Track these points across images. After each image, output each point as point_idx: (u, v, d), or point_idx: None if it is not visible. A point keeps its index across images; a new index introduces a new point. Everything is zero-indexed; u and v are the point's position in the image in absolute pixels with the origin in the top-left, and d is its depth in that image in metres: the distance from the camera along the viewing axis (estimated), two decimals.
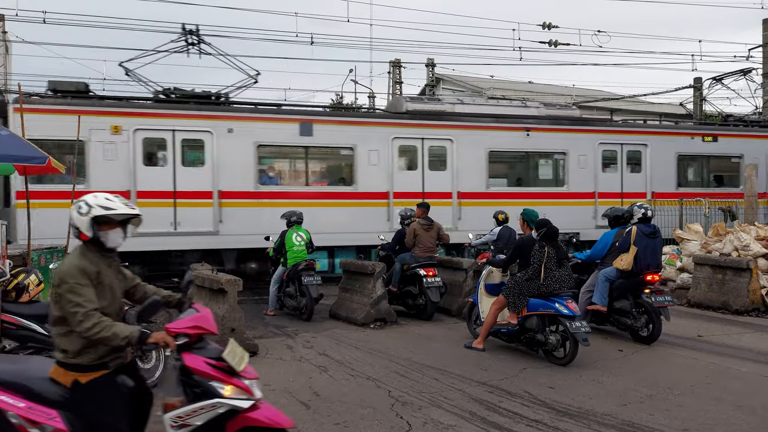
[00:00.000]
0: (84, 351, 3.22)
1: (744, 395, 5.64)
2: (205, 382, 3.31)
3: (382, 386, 5.92)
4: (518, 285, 7.05)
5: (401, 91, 26.18)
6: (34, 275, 5.93)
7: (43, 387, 3.22)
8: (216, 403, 3.26)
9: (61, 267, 3.29)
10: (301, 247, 9.80)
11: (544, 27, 21.17)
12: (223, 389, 3.29)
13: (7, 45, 22.47)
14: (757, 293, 9.83)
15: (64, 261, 3.35)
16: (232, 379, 3.33)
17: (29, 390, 3.21)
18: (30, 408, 3.16)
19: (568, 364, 6.64)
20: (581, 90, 31.00)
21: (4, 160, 6.72)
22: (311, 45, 18.72)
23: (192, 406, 3.28)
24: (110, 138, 11.52)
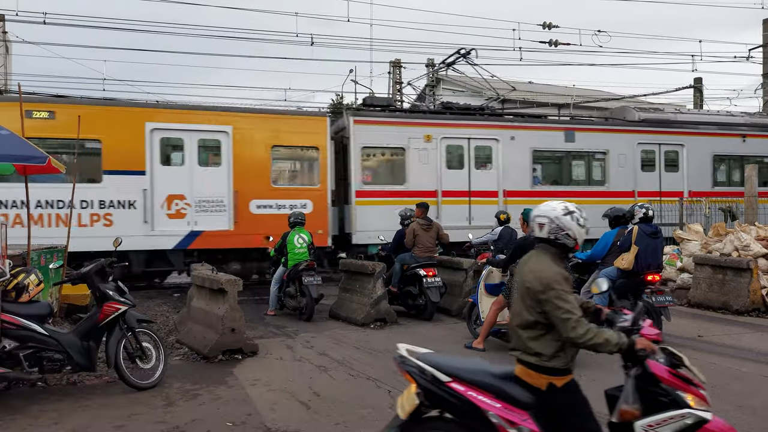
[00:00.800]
0: (557, 354, 3.21)
1: (744, 395, 5.64)
2: (673, 391, 3.26)
3: (382, 386, 5.92)
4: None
5: (401, 91, 26.16)
6: (34, 275, 5.93)
7: (513, 389, 3.22)
8: (685, 414, 3.19)
9: (541, 272, 3.26)
10: (302, 248, 9.83)
11: (544, 27, 21.20)
12: (687, 399, 3.23)
13: (8, 45, 22.47)
14: (757, 293, 9.83)
15: (540, 266, 3.32)
16: (690, 388, 3.28)
17: (501, 391, 3.21)
18: (505, 408, 3.17)
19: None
20: (581, 90, 30.98)
21: (4, 160, 6.72)
22: (311, 46, 18.73)
23: (662, 416, 3.21)
24: (423, 145, 14.01)
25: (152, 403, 5.47)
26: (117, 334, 5.80)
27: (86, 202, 11.63)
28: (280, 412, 5.20)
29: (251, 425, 4.91)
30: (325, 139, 13.23)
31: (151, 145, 12.10)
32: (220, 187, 12.48)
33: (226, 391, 5.84)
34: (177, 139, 12.49)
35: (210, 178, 12.48)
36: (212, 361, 6.93)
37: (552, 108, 27.52)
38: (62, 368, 5.61)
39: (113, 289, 5.92)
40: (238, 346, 7.13)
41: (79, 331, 5.78)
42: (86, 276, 5.94)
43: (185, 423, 4.96)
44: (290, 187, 13.30)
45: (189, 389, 5.87)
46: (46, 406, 5.38)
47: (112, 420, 5.03)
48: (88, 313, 6.29)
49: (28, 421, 5.02)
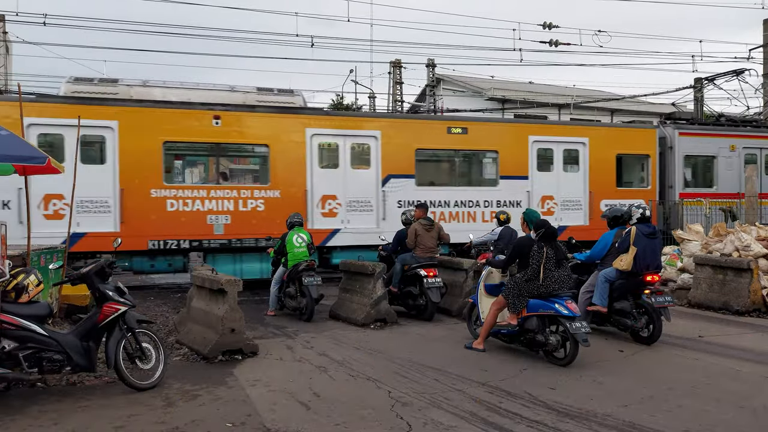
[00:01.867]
0: None
1: (745, 396, 5.63)
2: None
3: (382, 387, 5.91)
4: (518, 286, 7.04)
5: (401, 91, 26.17)
6: (33, 276, 5.91)
7: None
8: None
9: None
10: (302, 248, 9.83)
11: (544, 27, 21.20)
12: None
13: (8, 45, 22.48)
14: (757, 294, 9.82)
15: None
16: None
17: None
18: None
19: (568, 364, 6.63)
20: (581, 90, 30.98)
21: (4, 160, 6.70)
22: (311, 47, 18.76)
23: None
24: (728, 154, 16.33)
25: (152, 403, 5.47)
26: (117, 334, 5.79)
27: (487, 201, 14.21)
28: (280, 413, 5.20)
29: (251, 426, 4.91)
30: (655, 148, 15.61)
31: (531, 154, 14.66)
32: (578, 188, 14.92)
33: (226, 391, 5.84)
34: (547, 150, 14.93)
35: (571, 181, 14.90)
36: (212, 362, 6.93)
37: (552, 108, 27.51)
38: (62, 369, 5.60)
39: (113, 289, 5.92)
40: (238, 346, 7.13)
41: (78, 332, 5.78)
42: (86, 276, 5.94)
43: (185, 423, 4.96)
44: (629, 189, 15.53)
45: (189, 390, 5.87)
46: (46, 406, 5.38)
47: (112, 420, 5.03)
48: (87, 314, 6.28)
49: (28, 421, 5.02)
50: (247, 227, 12.10)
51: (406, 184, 13.53)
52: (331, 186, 13.08)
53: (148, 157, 11.83)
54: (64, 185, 10.56)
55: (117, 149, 11.70)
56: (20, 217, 10.97)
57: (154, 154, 11.89)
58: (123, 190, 11.66)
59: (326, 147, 13.28)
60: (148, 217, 11.57)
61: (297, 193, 12.75)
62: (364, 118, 14.83)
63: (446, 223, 13.17)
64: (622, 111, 29.86)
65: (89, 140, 11.75)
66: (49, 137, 11.55)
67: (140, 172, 11.77)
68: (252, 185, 12.73)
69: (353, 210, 13.18)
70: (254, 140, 12.67)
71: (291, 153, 12.76)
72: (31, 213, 10.54)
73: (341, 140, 13.24)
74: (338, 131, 13.24)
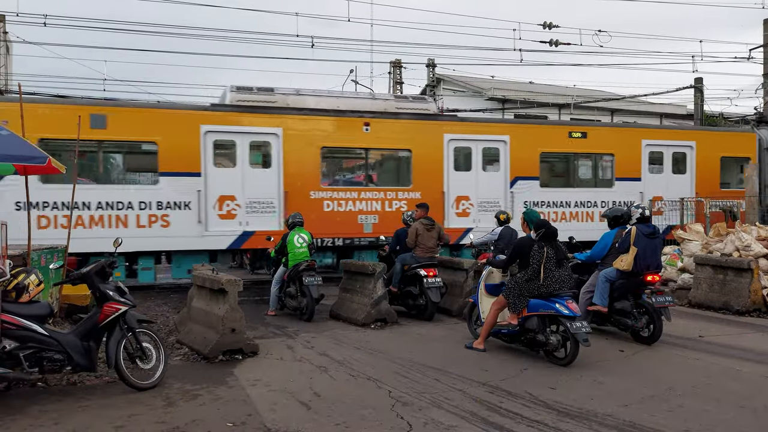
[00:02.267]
0: None
1: (745, 396, 5.63)
2: None
3: (383, 387, 5.91)
4: (518, 285, 7.03)
5: (402, 91, 26.17)
6: (34, 275, 5.91)
7: None
8: None
9: None
10: (302, 248, 9.83)
11: (544, 27, 21.19)
12: None
13: (8, 45, 22.48)
14: (758, 294, 9.82)
15: None
16: None
17: None
18: None
19: (568, 364, 6.63)
20: (581, 90, 30.97)
21: (5, 160, 6.71)
22: (312, 48, 18.79)
23: None
24: None
25: (152, 403, 5.47)
26: (117, 334, 5.79)
27: (604, 202, 14.81)
28: (281, 413, 5.20)
29: (251, 425, 4.91)
30: (755, 150, 16.34)
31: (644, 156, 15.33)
32: (686, 189, 15.48)
33: (227, 391, 5.84)
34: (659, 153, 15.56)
35: (678, 182, 15.49)
36: (212, 362, 6.93)
37: (552, 108, 27.52)
38: (62, 368, 5.61)
39: (113, 289, 5.92)
40: (238, 346, 7.13)
41: (79, 332, 5.78)
42: (86, 276, 5.94)
43: (185, 423, 4.96)
44: (732, 190, 16.02)
45: (189, 389, 5.87)
46: (47, 406, 5.38)
47: (112, 420, 5.03)
48: (88, 314, 6.29)
49: (29, 421, 5.02)
50: (392, 226, 12.43)
51: (532, 186, 14.34)
52: (465, 187, 13.95)
53: (308, 161, 12.94)
54: (235, 188, 12.36)
55: (281, 154, 12.76)
56: (200, 216, 12.15)
57: (313, 159, 12.97)
58: (286, 192, 12.72)
59: (460, 151, 14.10)
60: (308, 216, 11.95)
61: (435, 195, 13.54)
62: (495, 123, 15.78)
63: (567, 222, 14.34)
64: (622, 111, 29.86)
65: (257, 146, 12.94)
66: (223, 143, 12.63)
67: (301, 175, 12.84)
68: (396, 187, 13.67)
69: (484, 210, 13.94)
70: (399, 145, 13.64)
71: (430, 157, 13.70)
72: (208, 213, 12.26)
73: (473, 144, 14.12)
74: (471, 136, 14.08)
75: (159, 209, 11.97)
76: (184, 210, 12.06)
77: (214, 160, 12.42)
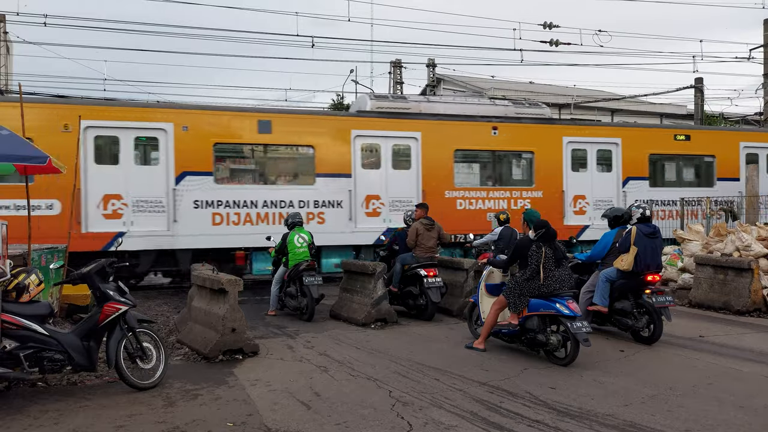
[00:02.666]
0: None
1: (745, 396, 5.63)
2: None
3: (383, 386, 5.91)
4: (519, 285, 7.03)
5: (402, 91, 26.16)
6: (34, 275, 5.92)
7: None
8: None
9: None
10: (303, 248, 9.84)
11: (545, 26, 21.18)
12: None
13: (8, 45, 22.48)
14: (758, 294, 9.82)
15: None
16: None
17: None
18: None
19: (569, 364, 6.63)
20: (581, 90, 30.98)
21: (5, 160, 6.71)
22: (312, 48, 18.80)
23: None
24: None
25: (153, 403, 5.47)
26: (117, 334, 5.79)
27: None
28: (281, 413, 5.20)
29: (252, 425, 4.91)
30: None
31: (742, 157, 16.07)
32: None
33: (227, 391, 5.84)
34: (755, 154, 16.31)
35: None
36: (213, 362, 6.93)
37: (552, 108, 27.52)
38: (63, 368, 5.61)
39: (114, 289, 5.92)
40: (238, 346, 7.13)
41: (79, 331, 5.78)
42: (87, 276, 5.94)
43: (186, 423, 4.96)
44: None
45: (189, 389, 5.87)
46: (47, 406, 5.38)
47: (113, 420, 5.03)
48: (88, 314, 6.29)
49: (29, 421, 5.02)
50: (516, 224, 13.26)
51: (642, 185, 15.15)
52: (581, 187, 14.79)
53: (442, 162, 13.89)
54: (380, 187, 13.49)
55: (419, 156, 13.75)
56: (350, 214, 13.19)
57: (447, 161, 13.93)
58: (424, 191, 13.66)
59: (577, 153, 14.99)
60: (443, 214, 12.75)
61: (555, 194, 14.59)
62: (607, 127, 16.81)
63: (673, 220, 15.11)
64: (622, 111, 29.87)
65: (398, 148, 13.87)
66: (369, 146, 13.66)
67: (437, 176, 13.80)
68: (521, 187, 14.60)
69: (598, 208, 14.48)
70: (523, 147, 14.66)
71: (551, 158, 14.62)
72: (357, 211, 13.24)
73: (589, 147, 15.03)
74: (586, 139, 15.00)
75: (316, 207, 13.05)
76: (337, 208, 13.14)
77: (362, 162, 13.46)
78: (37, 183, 10.64)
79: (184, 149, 12.17)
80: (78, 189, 11.03)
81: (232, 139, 12.70)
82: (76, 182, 9.74)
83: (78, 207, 11.43)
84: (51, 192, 11.26)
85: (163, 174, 12.10)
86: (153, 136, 12.18)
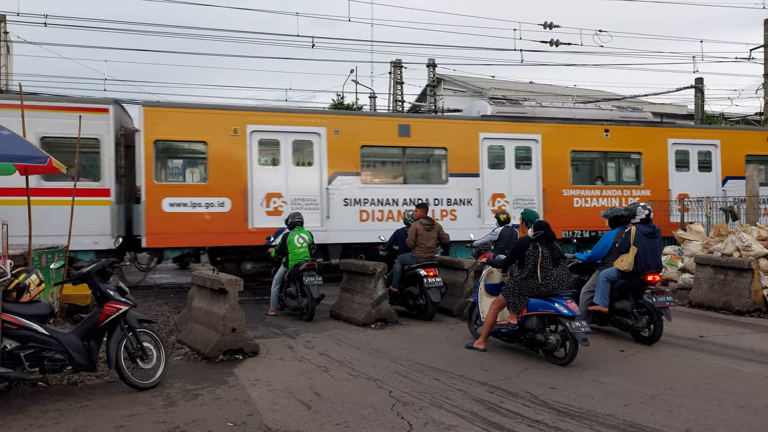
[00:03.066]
0: None
1: (746, 396, 5.63)
2: None
3: (383, 386, 5.91)
4: (517, 285, 7.04)
5: (402, 91, 26.18)
6: (35, 275, 5.92)
7: None
8: None
9: None
10: (303, 248, 9.83)
11: (545, 26, 21.19)
12: None
13: (9, 45, 22.48)
14: (758, 294, 9.82)
15: None
16: None
17: None
18: None
19: (568, 364, 6.64)
20: (582, 90, 30.96)
21: (5, 160, 6.71)
22: (312, 48, 18.82)
23: None
24: None
25: (153, 403, 5.47)
26: (118, 334, 5.80)
27: None
28: (281, 413, 5.20)
29: (252, 425, 4.91)
30: None
31: None
32: None
33: (227, 391, 5.84)
34: None
35: None
36: (213, 361, 6.93)
37: None
38: (63, 368, 5.61)
39: (114, 289, 5.92)
40: (239, 346, 7.13)
41: (80, 331, 5.78)
42: (87, 276, 5.94)
43: (186, 423, 4.96)
44: None
45: (190, 389, 5.87)
46: (47, 405, 5.38)
47: (113, 420, 5.03)
48: (89, 313, 6.29)
49: (29, 420, 5.02)
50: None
51: (740, 184, 15.40)
52: (684, 186, 15.61)
53: (560, 163, 14.85)
54: (504, 186, 14.39)
55: (540, 157, 14.66)
56: (479, 211, 14.15)
57: (564, 161, 14.87)
58: (544, 190, 14.62)
59: (680, 153, 15.95)
60: (561, 211, 14.16)
61: (662, 193, 15.49)
62: (707, 129, 17.91)
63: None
64: None
65: (520, 149, 14.71)
66: (494, 147, 14.54)
67: (555, 175, 14.74)
68: (630, 186, 15.59)
69: (701, 207, 14.84)
70: (632, 149, 15.58)
71: (657, 158, 15.60)
72: (484, 208, 14.13)
73: (690, 147, 16.04)
74: (689, 140, 16.03)
75: (448, 205, 14.04)
76: (467, 206, 14.12)
77: (489, 163, 14.39)
78: (211, 183, 12.39)
79: (336, 151, 13.27)
80: (245, 188, 12.53)
81: (377, 141, 13.79)
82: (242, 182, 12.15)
83: (245, 205, 12.58)
84: (223, 191, 12.50)
85: (317, 174, 13.21)
86: (308, 140, 13.30)
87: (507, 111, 14.84)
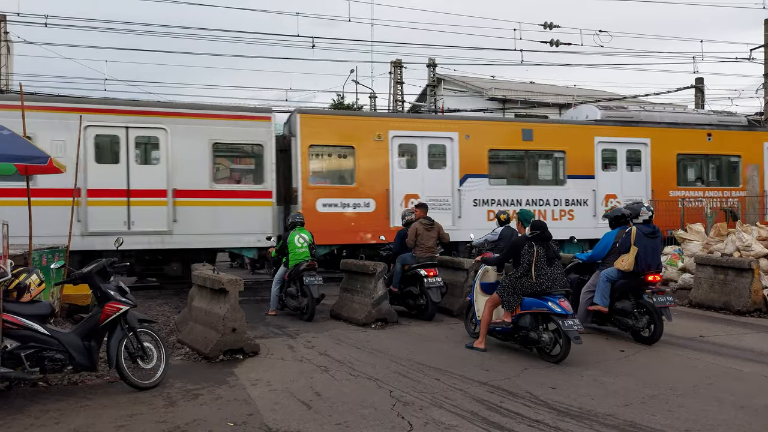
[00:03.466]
0: None
1: (746, 396, 5.63)
2: None
3: (384, 386, 5.92)
4: (512, 284, 7.08)
5: (402, 91, 26.18)
6: (35, 275, 5.92)
7: None
8: None
9: None
10: (303, 248, 9.84)
11: (545, 27, 21.19)
12: None
13: (9, 45, 22.48)
14: (758, 294, 9.82)
15: None
16: None
17: None
18: None
19: (560, 361, 6.67)
20: (582, 90, 30.95)
21: (5, 160, 6.72)
22: (312, 48, 18.83)
23: None
24: None
25: (153, 402, 5.48)
26: (118, 334, 5.80)
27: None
28: (281, 412, 5.20)
29: (252, 425, 4.91)
30: None
31: None
32: None
33: (228, 391, 5.84)
34: None
35: None
36: (213, 361, 6.93)
37: (553, 108, 27.51)
38: (63, 368, 5.61)
39: (114, 289, 5.92)
40: (239, 346, 7.13)
41: (80, 331, 5.78)
42: (87, 276, 5.95)
43: (186, 423, 4.96)
44: None
45: (190, 389, 5.87)
46: (48, 405, 5.39)
47: (114, 420, 5.03)
48: (89, 313, 6.29)
49: (30, 420, 5.02)
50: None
51: None
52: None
53: (667, 165, 15.54)
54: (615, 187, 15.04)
55: (649, 159, 15.35)
56: (594, 211, 14.79)
57: (671, 163, 15.60)
58: (653, 191, 15.27)
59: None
60: (668, 211, 14.38)
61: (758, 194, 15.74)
62: None
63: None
64: None
65: (631, 152, 15.43)
66: (608, 150, 15.23)
67: (663, 177, 15.44)
68: (729, 187, 16.27)
69: None
70: (731, 151, 16.29)
71: (754, 161, 15.97)
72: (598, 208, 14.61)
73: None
74: None
75: (567, 205, 14.76)
76: (583, 206, 14.81)
77: (602, 165, 15.06)
78: (358, 185, 13.46)
79: (466, 155, 14.08)
80: (387, 189, 13.56)
81: (503, 145, 14.64)
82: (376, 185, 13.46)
83: (388, 205, 13.55)
84: (369, 193, 13.54)
85: (449, 176, 14.02)
86: (442, 144, 14.11)
87: (616, 116, 15.52)
